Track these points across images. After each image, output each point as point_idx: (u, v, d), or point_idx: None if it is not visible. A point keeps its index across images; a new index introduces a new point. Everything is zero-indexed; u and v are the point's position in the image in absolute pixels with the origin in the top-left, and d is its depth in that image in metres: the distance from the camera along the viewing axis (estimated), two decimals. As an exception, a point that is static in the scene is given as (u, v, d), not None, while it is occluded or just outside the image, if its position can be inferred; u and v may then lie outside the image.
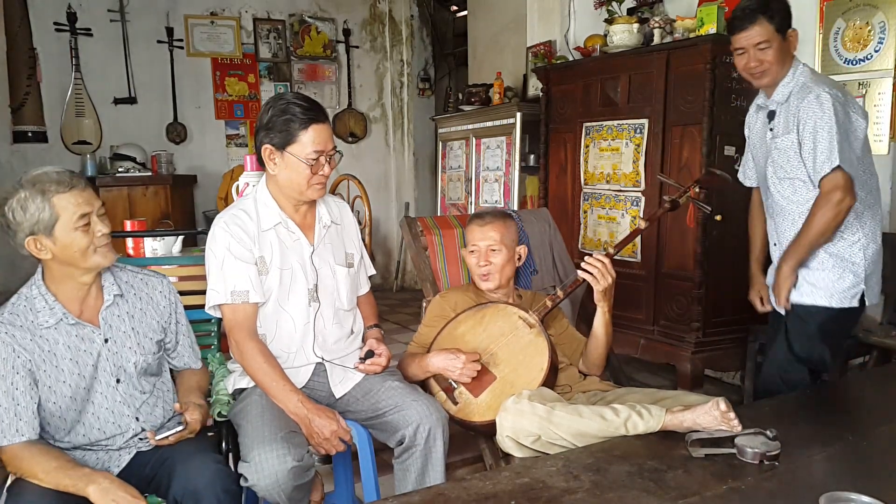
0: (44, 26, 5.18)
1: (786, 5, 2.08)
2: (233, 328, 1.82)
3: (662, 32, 3.30)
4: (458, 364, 1.93)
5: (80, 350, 1.56)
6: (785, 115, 2.10)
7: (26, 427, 1.47)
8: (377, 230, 6.48)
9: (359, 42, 6.44)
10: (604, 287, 1.92)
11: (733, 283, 3.19)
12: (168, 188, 4.96)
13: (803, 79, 2.08)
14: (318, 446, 1.75)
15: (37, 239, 1.47)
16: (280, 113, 1.78)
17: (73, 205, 1.48)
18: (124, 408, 1.61)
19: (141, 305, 1.67)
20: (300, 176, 1.81)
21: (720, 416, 1.51)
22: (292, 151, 1.79)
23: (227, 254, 1.80)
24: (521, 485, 1.33)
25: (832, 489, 1.23)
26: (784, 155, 2.10)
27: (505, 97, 4.70)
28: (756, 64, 2.08)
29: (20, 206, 1.45)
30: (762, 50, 2.05)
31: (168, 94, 5.67)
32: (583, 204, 3.73)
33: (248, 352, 1.80)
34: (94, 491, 1.39)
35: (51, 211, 1.46)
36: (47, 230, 1.46)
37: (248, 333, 1.81)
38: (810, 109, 2.00)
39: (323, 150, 1.80)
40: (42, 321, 1.51)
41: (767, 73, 2.09)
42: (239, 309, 1.81)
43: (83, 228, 1.49)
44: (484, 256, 2.14)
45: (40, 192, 1.45)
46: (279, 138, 1.79)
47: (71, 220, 1.47)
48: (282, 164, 1.82)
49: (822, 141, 1.98)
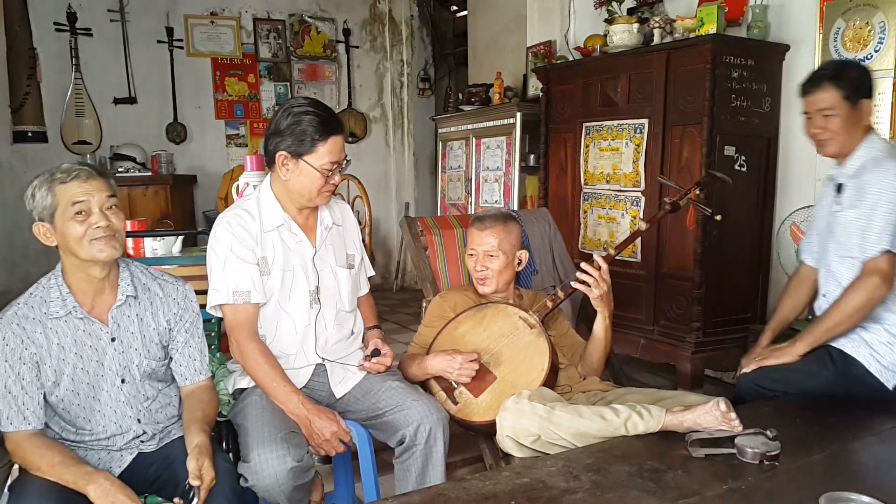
0: (44, 26, 5.18)
1: (861, 74, 1.98)
2: (234, 328, 1.81)
3: (662, 32, 3.30)
4: (455, 365, 1.93)
5: (86, 345, 1.56)
6: (853, 190, 1.95)
7: (32, 416, 1.50)
8: (377, 230, 6.48)
9: (359, 42, 6.44)
10: (598, 294, 1.92)
11: (733, 283, 3.20)
12: (168, 188, 4.96)
13: (876, 151, 1.94)
14: (318, 447, 1.75)
15: (42, 225, 1.53)
16: (297, 122, 1.77)
17: (71, 194, 1.51)
18: (127, 408, 1.62)
19: (152, 310, 1.67)
20: (313, 184, 1.81)
21: (721, 416, 1.51)
22: (308, 161, 1.79)
23: (229, 254, 1.80)
24: (521, 485, 1.34)
25: (832, 489, 1.23)
26: (846, 231, 1.95)
27: (505, 97, 4.70)
28: (818, 131, 1.98)
29: (32, 194, 1.53)
30: (826, 117, 1.95)
31: (168, 94, 5.67)
32: (583, 204, 3.73)
33: (248, 352, 1.79)
34: (94, 490, 1.40)
35: (52, 199, 1.51)
36: (49, 217, 1.52)
37: (248, 334, 1.81)
38: (875, 182, 1.87)
39: (338, 160, 1.82)
40: (52, 311, 1.53)
41: (831, 143, 1.98)
42: (240, 309, 1.80)
43: (77, 218, 1.50)
44: (481, 261, 2.14)
45: (48, 180, 1.52)
46: (296, 146, 1.78)
47: (66, 208, 1.50)
48: (295, 170, 1.81)
49: (877, 219, 1.84)
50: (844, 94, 1.93)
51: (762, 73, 3.15)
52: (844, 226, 1.95)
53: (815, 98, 1.97)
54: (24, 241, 5.12)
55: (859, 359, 1.91)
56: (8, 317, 1.51)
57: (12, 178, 5.10)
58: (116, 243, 1.55)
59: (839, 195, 2.01)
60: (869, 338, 1.92)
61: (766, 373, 1.98)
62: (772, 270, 3.31)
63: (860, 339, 1.93)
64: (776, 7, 3.21)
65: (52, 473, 1.44)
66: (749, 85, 3.12)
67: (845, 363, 1.92)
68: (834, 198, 2.04)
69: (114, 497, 1.40)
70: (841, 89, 1.93)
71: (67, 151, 5.25)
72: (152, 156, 5.17)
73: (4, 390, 1.48)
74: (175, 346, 1.70)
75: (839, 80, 1.93)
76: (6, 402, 1.48)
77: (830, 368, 1.92)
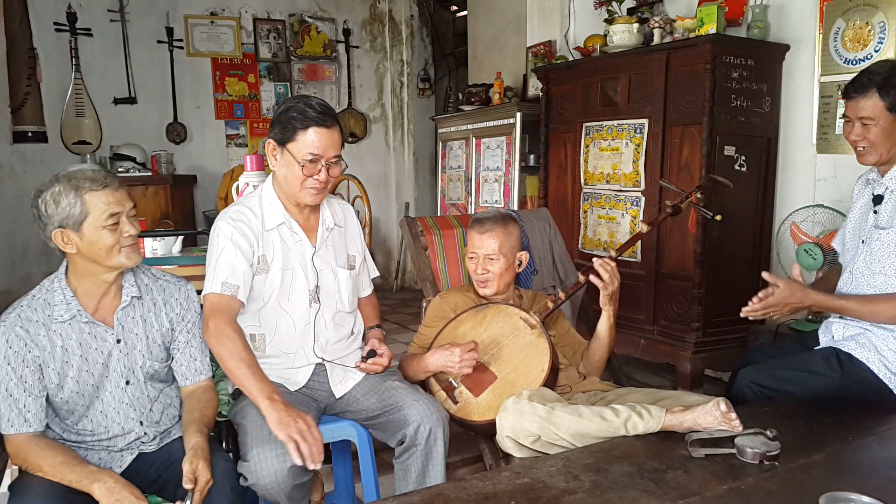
0: (44, 26, 5.18)
1: None
2: (214, 311, 1.72)
3: (662, 32, 3.30)
4: (454, 359, 1.92)
5: (91, 348, 1.57)
6: (894, 204, 1.89)
7: (34, 419, 1.49)
8: (377, 230, 6.48)
9: (359, 42, 6.44)
10: (611, 292, 1.93)
11: (733, 283, 3.20)
12: (168, 188, 4.96)
13: None
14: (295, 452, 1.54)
15: (64, 232, 1.51)
16: (289, 110, 1.79)
17: (104, 203, 1.51)
18: (130, 410, 1.62)
19: (155, 310, 1.67)
20: (293, 175, 1.81)
21: (721, 416, 1.51)
22: (290, 149, 1.79)
23: (228, 244, 1.79)
24: (521, 485, 1.33)
25: (832, 489, 1.23)
26: (886, 250, 1.88)
27: (505, 97, 4.70)
28: (856, 138, 1.91)
29: (53, 200, 1.50)
30: (865, 126, 1.87)
31: (168, 94, 5.67)
32: (583, 204, 3.73)
33: (225, 334, 1.68)
34: (99, 489, 1.40)
35: (81, 207, 1.49)
36: (76, 225, 1.50)
37: (228, 318, 1.72)
38: None
39: (321, 154, 1.78)
40: (57, 315, 1.54)
41: (870, 153, 1.90)
42: (225, 297, 1.75)
43: (111, 227, 1.52)
44: (482, 264, 2.14)
45: (74, 187, 1.50)
46: (281, 134, 1.80)
47: (100, 217, 1.50)
48: (281, 160, 1.82)
49: None
50: (888, 105, 1.84)
51: (762, 73, 3.15)
52: (885, 244, 1.89)
53: (857, 104, 1.88)
54: (24, 241, 5.12)
55: (867, 363, 1.89)
56: (11, 319, 1.51)
57: (12, 178, 5.09)
58: (138, 250, 1.60)
59: (877, 206, 1.94)
60: (878, 343, 1.90)
61: (770, 371, 1.97)
62: (772, 270, 3.30)
63: (869, 344, 1.91)
64: (776, 7, 3.21)
65: (54, 474, 1.43)
66: (749, 85, 3.12)
67: (853, 366, 1.90)
68: (872, 207, 1.97)
69: (118, 495, 1.40)
70: (885, 99, 1.83)
71: (67, 151, 5.25)
72: (152, 156, 5.16)
73: (6, 393, 1.48)
74: (176, 347, 1.70)
75: (886, 89, 1.83)
76: (7, 405, 1.48)
77: (837, 371, 1.91)
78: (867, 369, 1.89)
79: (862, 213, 2.03)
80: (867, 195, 2.01)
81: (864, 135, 1.89)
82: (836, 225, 2.82)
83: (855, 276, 1.99)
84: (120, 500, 1.39)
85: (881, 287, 1.89)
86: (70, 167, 1.56)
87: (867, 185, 2.04)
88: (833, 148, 3.03)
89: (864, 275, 1.95)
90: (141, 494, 1.43)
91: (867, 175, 2.06)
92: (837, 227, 2.74)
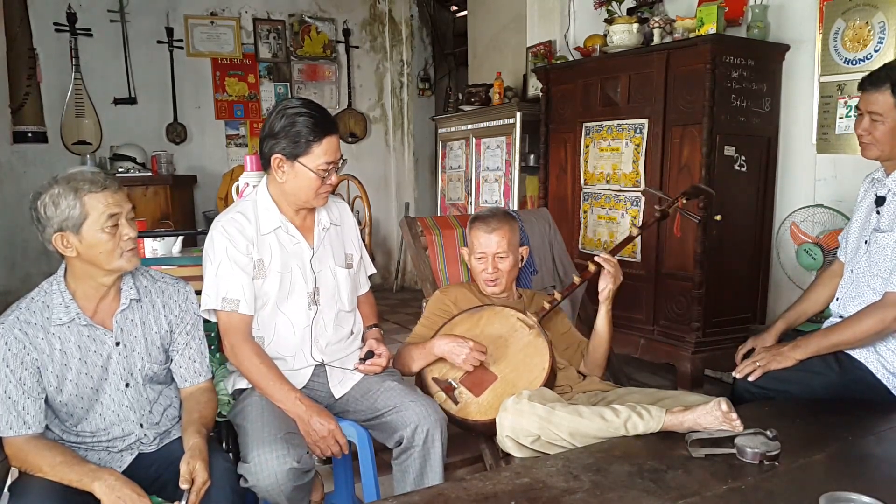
0: (44, 26, 5.17)
1: None
2: (227, 331, 1.82)
3: (662, 32, 3.30)
4: (465, 349, 1.92)
5: (90, 351, 1.56)
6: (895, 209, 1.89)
7: (33, 421, 1.49)
8: (377, 230, 6.47)
9: (359, 42, 6.44)
10: (615, 285, 1.97)
11: (733, 283, 3.20)
12: (168, 188, 4.95)
13: None
14: (314, 445, 1.74)
15: (64, 235, 1.49)
16: (291, 123, 1.76)
17: (103, 205, 1.50)
18: (130, 412, 1.62)
19: (154, 313, 1.67)
20: (309, 186, 1.81)
21: (722, 416, 1.51)
22: (303, 162, 1.78)
23: (224, 259, 1.80)
24: (521, 485, 1.33)
25: (832, 489, 1.23)
26: (882, 253, 1.88)
27: (505, 97, 4.70)
28: (863, 133, 1.90)
29: (52, 202, 1.48)
30: (874, 121, 1.87)
31: (168, 94, 5.66)
32: (583, 204, 3.73)
33: (243, 353, 1.79)
34: (100, 487, 1.40)
35: (81, 209, 1.48)
36: (75, 228, 1.48)
37: (243, 336, 1.81)
38: None
39: (334, 160, 1.81)
40: (55, 318, 1.53)
41: (872, 148, 1.90)
42: (234, 315, 1.80)
43: (110, 230, 1.51)
44: (492, 263, 2.14)
45: (73, 189, 1.48)
46: (290, 148, 1.77)
47: (99, 220, 1.49)
48: (291, 173, 1.81)
49: None
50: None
51: (762, 73, 3.15)
52: (883, 248, 1.89)
53: (869, 97, 1.87)
54: (24, 241, 5.12)
55: (866, 363, 1.90)
56: (10, 322, 1.51)
57: (12, 178, 5.09)
58: (138, 253, 1.58)
59: (879, 207, 1.94)
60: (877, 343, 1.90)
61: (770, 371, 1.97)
62: (772, 270, 3.31)
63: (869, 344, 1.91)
64: (776, 7, 3.21)
65: (54, 473, 1.43)
66: (749, 85, 3.12)
67: (851, 366, 1.90)
68: (872, 206, 1.97)
69: (120, 492, 1.39)
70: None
71: (67, 152, 5.25)
72: (152, 156, 5.16)
73: (4, 395, 1.47)
74: (175, 348, 1.70)
75: None
76: (6, 407, 1.47)
77: (836, 370, 1.91)
78: (865, 369, 1.89)
79: (866, 213, 2.03)
80: (872, 195, 2.01)
81: (870, 130, 1.89)
82: (836, 225, 2.82)
83: (857, 276, 1.99)
84: (121, 497, 1.39)
85: (878, 289, 1.89)
86: (69, 169, 1.55)
87: (873, 185, 2.04)
88: (833, 148, 3.03)
89: (865, 276, 1.95)
90: (142, 491, 1.43)
91: (874, 174, 2.06)
92: (837, 227, 2.74)
